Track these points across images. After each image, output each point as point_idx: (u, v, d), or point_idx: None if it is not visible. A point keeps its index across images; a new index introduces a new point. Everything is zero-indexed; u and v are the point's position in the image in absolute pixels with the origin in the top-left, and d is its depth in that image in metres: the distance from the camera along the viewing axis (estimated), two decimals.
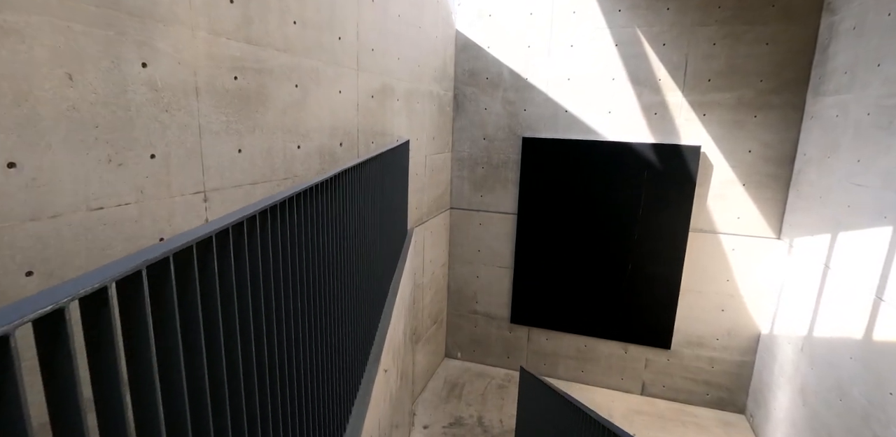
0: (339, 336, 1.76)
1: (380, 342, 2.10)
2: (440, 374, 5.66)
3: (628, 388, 5.42)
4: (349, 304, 1.92)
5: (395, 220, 3.23)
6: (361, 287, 2.15)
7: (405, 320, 3.56)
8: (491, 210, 5.52)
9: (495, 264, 5.62)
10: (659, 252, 4.99)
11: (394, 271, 3.18)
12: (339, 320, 1.74)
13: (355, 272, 2.03)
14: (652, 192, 4.90)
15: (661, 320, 5.12)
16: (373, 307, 2.38)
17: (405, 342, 3.49)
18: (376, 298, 2.47)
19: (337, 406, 1.70)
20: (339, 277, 1.72)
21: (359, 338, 2.02)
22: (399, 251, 3.54)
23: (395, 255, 3.27)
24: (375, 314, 2.37)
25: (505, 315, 5.71)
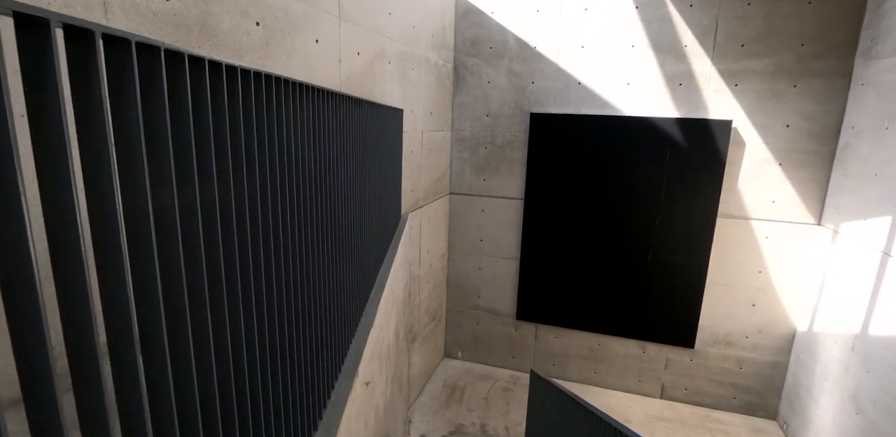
0: (297, 345, 1.24)
1: (356, 354, 1.59)
2: (439, 376, 5.15)
3: (646, 391, 4.92)
4: (315, 297, 1.40)
5: (386, 197, 2.71)
6: (337, 276, 1.63)
7: (398, 318, 3.04)
8: (495, 195, 4.99)
9: (499, 255, 5.10)
10: (683, 240, 4.47)
11: (382, 259, 2.66)
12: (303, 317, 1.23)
13: (327, 255, 1.51)
14: (676, 173, 4.37)
15: (684, 317, 4.61)
16: (352, 305, 1.86)
17: (397, 343, 2.97)
18: (357, 291, 1.95)
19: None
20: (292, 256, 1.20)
21: (330, 347, 1.51)
22: (391, 236, 3.01)
23: (384, 240, 2.74)
24: (355, 313, 1.86)
25: (510, 311, 5.19)
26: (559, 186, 4.73)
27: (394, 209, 3.22)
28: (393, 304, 2.75)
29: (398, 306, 3.06)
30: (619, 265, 4.70)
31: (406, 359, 4.09)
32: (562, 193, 4.74)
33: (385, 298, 2.22)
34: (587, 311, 4.88)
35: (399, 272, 3.12)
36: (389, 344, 2.50)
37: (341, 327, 1.65)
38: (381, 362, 2.08)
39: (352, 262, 1.84)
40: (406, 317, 3.95)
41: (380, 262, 2.50)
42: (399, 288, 3.12)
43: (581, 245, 4.77)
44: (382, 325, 2.13)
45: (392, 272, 2.59)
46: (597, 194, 4.63)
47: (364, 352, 1.61)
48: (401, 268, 3.18)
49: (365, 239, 2.11)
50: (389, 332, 2.48)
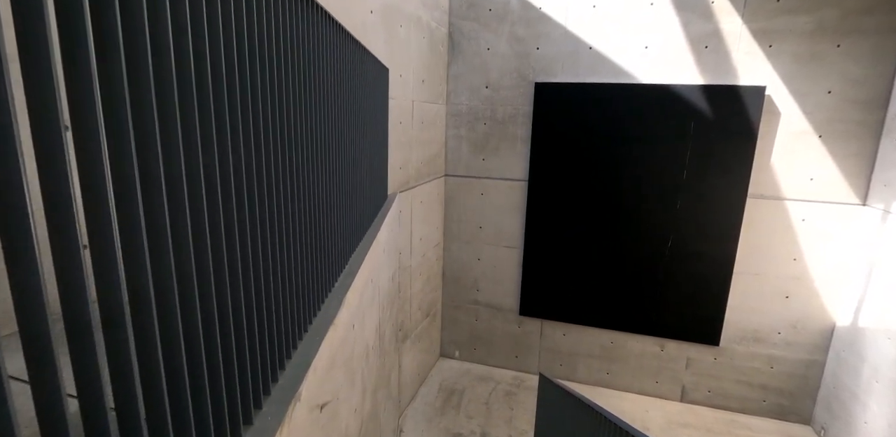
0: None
1: (299, 368, 1.08)
2: (434, 378, 4.65)
3: (665, 393, 4.43)
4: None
5: (366, 169, 2.19)
6: (284, 260, 1.12)
7: (382, 314, 2.53)
8: (495, 177, 4.48)
9: (501, 244, 4.59)
10: (707, 225, 3.97)
11: (357, 242, 2.14)
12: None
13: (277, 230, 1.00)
14: (700, 148, 3.87)
15: (708, 311, 4.12)
16: (305, 298, 1.35)
17: (382, 344, 2.46)
18: (315, 281, 1.43)
19: None
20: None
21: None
22: (371, 216, 2.50)
23: (362, 219, 2.22)
24: (306, 309, 1.34)
25: (512, 306, 4.69)
26: (567, 166, 4.22)
27: (377, 186, 2.71)
28: (375, 297, 2.24)
29: (382, 300, 2.54)
30: (634, 254, 4.20)
31: (396, 360, 3.59)
32: (570, 174, 4.22)
33: (357, 289, 1.71)
34: (599, 305, 4.38)
35: (383, 260, 2.60)
36: (368, 346, 1.99)
37: (282, 329, 1.14)
38: (350, 371, 1.58)
39: (305, 242, 1.32)
40: (395, 313, 3.44)
41: (353, 245, 1.99)
42: (384, 279, 2.60)
43: (592, 232, 4.26)
44: (354, 323, 1.63)
45: (371, 259, 2.08)
46: (610, 174, 4.12)
47: (315, 363, 1.11)
48: (385, 255, 2.66)
49: (332, 214, 1.60)
50: (368, 331, 1.97)
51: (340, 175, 1.75)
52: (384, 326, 2.62)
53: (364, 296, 1.87)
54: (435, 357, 4.91)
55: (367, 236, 2.21)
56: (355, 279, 1.65)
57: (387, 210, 2.78)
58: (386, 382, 2.83)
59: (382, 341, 2.54)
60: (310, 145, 1.38)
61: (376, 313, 2.27)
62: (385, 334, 2.68)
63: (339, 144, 1.76)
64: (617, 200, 4.15)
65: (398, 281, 3.52)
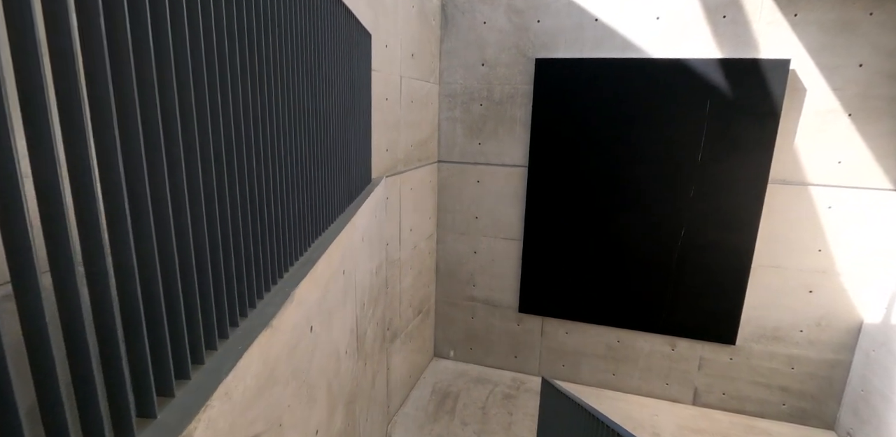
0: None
1: (195, 402, 0.74)
2: (427, 380, 4.32)
3: (675, 396, 4.11)
4: None
5: (344, 143, 1.85)
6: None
7: (362, 312, 2.19)
8: (493, 163, 4.13)
9: (499, 236, 4.25)
10: (724, 213, 3.63)
11: (325, 226, 1.79)
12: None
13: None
14: (717, 129, 3.53)
15: (724, 307, 3.79)
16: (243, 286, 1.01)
17: (361, 348, 2.12)
18: (259, 266, 1.09)
19: None
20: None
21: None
22: (349, 198, 2.15)
23: (336, 199, 1.88)
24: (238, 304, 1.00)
25: (511, 302, 4.36)
26: (571, 150, 3.87)
27: (357, 166, 2.36)
28: (349, 292, 1.90)
29: (362, 296, 2.20)
30: (644, 245, 3.86)
31: (384, 362, 3.25)
32: (574, 159, 3.88)
33: (319, 281, 1.37)
34: (604, 301, 4.05)
35: (363, 250, 2.26)
36: (339, 352, 1.66)
37: (182, 336, 0.80)
38: (306, 386, 1.24)
39: (238, 215, 0.98)
40: (382, 310, 3.11)
41: (318, 228, 1.64)
42: (364, 271, 2.26)
43: (597, 222, 3.92)
44: (313, 324, 1.29)
45: (342, 246, 1.74)
46: (617, 159, 3.78)
47: (231, 383, 0.78)
48: (366, 245, 2.32)
49: (282, 187, 1.25)
50: (338, 333, 1.63)
51: (300, 141, 1.40)
52: (365, 325, 2.28)
53: (331, 291, 1.53)
54: (428, 358, 4.58)
55: (339, 220, 1.87)
56: (315, 270, 1.32)
57: (368, 194, 2.44)
58: (369, 388, 2.50)
59: (362, 342, 2.20)
60: (258, 97, 1.04)
61: (352, 310, 1.93)
62: (367, 335, 2.34)
63: (301, 104, 1.42)
64: (625, 187, 3.81)
65: (385, 275, 3.18)
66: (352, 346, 1.94)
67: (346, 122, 2.10)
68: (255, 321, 0.97)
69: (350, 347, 1.91)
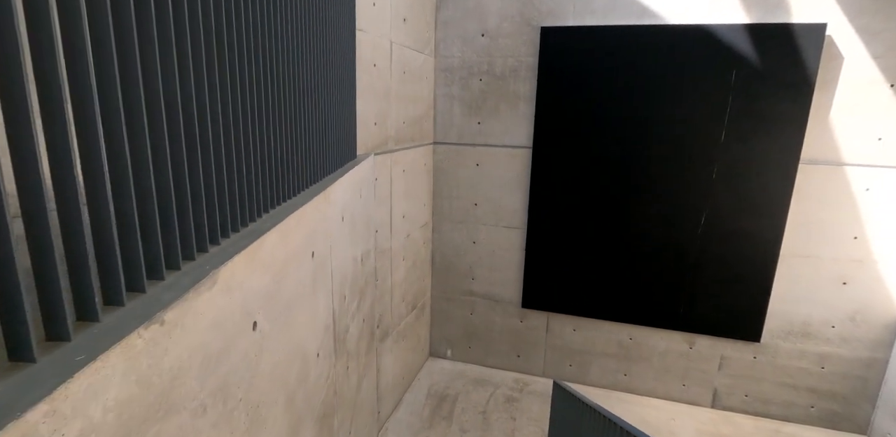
0: None
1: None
2: (422, 382, 3.97)
3: (693, 399, 3.77)
4: None
5: (320, 101, 1.48)
6: None
7: (341, 306, 1.83)
8: (493, 144, 3.77)
9: (500, 224, 3.90)
10: (749, 197, 3.29)
11: (289, 194, 1.43)
12: None
13: None
14: (743, 104, 3.18)
15: (748, 300, 3.45)
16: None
17: (335, 350, 1.76)
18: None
19: None
20: None
21: None
22: (325, 168, 1.79)
23: (308, 164, 1.52)
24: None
25: (514, 297, 4.01)
26: (580, 129, 3.52)
27: (337, 132, 2.00)
28: (320, 281, 1.54)
29: (342, 287, 1.84)
30: (660, 234, 3.51)
31: (374, 363, 2.90)
32: (583, 139, 3.52)
33: (271, 263, 1.02)
34: (616, 295, 3.70)
35: (345, 233, 1.90)
36: (306, 356, 1.30)
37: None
38: (246, 405, 0.89)
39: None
40: (371, 305, 2.75)
41: (277, 194, 1.28)
42: (343, 257, 1.90)
43: (609, 208, 3.57)
44: (258, 319, 0.94)
45: (311, 221, 1.38)
46: (631, 138, 3.42)
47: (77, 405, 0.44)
48: (347, 227, 1.96)
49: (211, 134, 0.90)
50: (303, 332, 1.28)
51: (251, 90, 1.04)
52: (347, 321, 1.92)
53: (290, 276, 1.17)
54: (423, 357, 4.22)
55: (308, 192, 1.50)
56: (261, 246, 0.96)
57: (352, 168, 2.08)
58: (353, 395, 2.14)
59: (342, 342, 1.84)
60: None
61: (327, 303, 1.57)
62: (349, 333, 1.98)
63: (260, 47, 1.06)
64: (639, 169, 3.46)
65: (374, 265, 2.82)
66: (327, 346, 1.59)
67: (326, 77, 1.74)
68: (131, 313, 0.62)
69: (325, 348, 1.55)
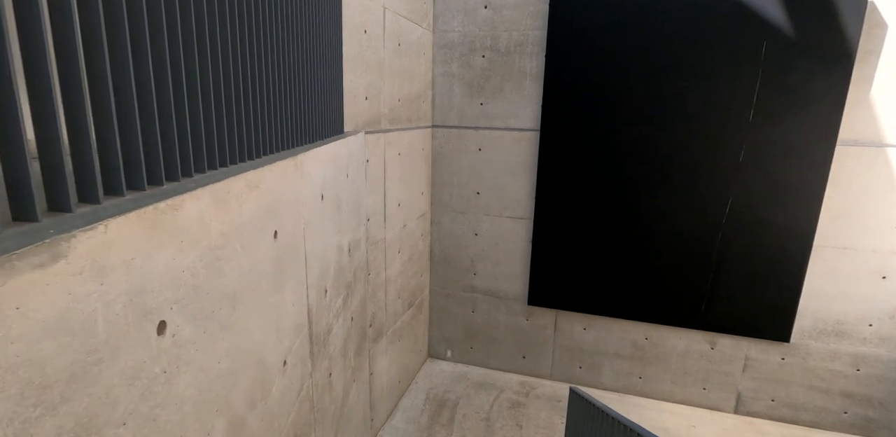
0: None
1: None
2: (420, 386, 3.67)
3: (715, 403, 3.48)
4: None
5: (294, 58, 1.18)
6: None
7: (318, 302, 1.53)
8: (497, 126, 3.47)
9: (504, 214, 3.60)
10: (780, 183, 2.99)
11: (248, 155, 1.13)
12: None
13: None
14: (774, 79, 2.87)
15: (778, 296, 3.15)
16: None
17: (311, 355, 1.46)
18: None
19: None
20: None
21: None
22: (298, 135, 1.48)
23: (275, 123, 1.21)
24: None
25: (519, 293, 3.71)
26: (592, 109, 3.21)
27: (319, 102, 1.69)
28: (294, 270, 1.24)
29: (321, 279, 1.54)
30: (680, 223, 3.21)
31: (365, 367, 2.61)
32: (596, 120, 3.22)
33: (197, 233, 0.72)
34: (631, 291, 3.40)
35: (326, 215, 1.59)
36: (266, 363, 1.01)
37: None
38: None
39: None
40: (362, 301, 2.45)
41: (231, 152, 0.97)
42: (328, 245, 1.60)
43: (624, 196, 3.27)
44: (167, 318, 0.65)
45: (274, 195, 1.08)
46: (649, 118, 3.12)
47: None
48: (331, 208, 1.65)
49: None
50: (260, 334, 0.98)
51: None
52: (328, 320, 1.62)
53: (237, 261, 0.88)
54: (421, 359, 3.92)
55: (274, 156, 1.20)
56: (176, 209, 0.67)
57: (334, 141, 1.77)
58: (336, 406, 1.84)
59: (322, 346, 1.54)
60: None
61: (298, 297, 1.27)
62: (332, 334, 1.68)
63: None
64: (658, 153, 3.15)
65: (365, 257, 2.52)
66: (300, 352, 1.28)
67: (298, 39, 1.43)
68: None
69: (296, 354, 1.25)
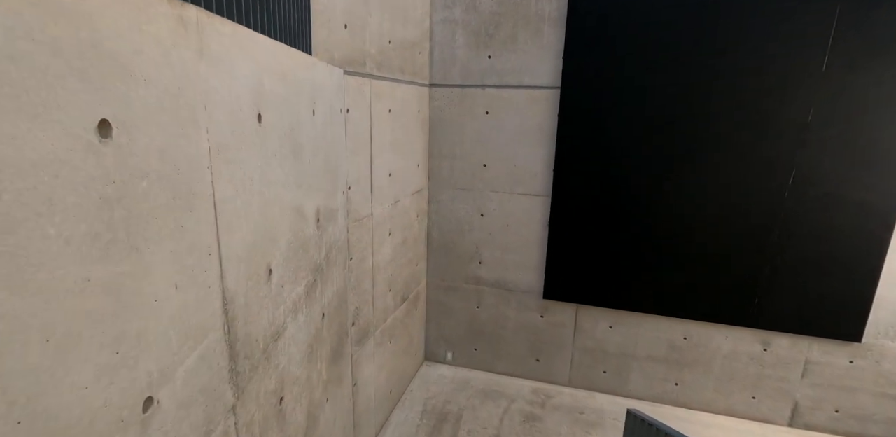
0: None
1: None
2: (415, 395, 3.09)
3: (766, 415, 2.93)
4: None
5: None
6: None
7: (260, 285, 0.95)
8: (509, 84, 2.88)
9: (516, 191, 3.02)
10: (859, 149, 2.43)
11: None
12: None
13: None
14: (855, 14, 2.31)
15: (848, 288, 2.60)
16: None
17: (250, 364, 0.88)
18: None
19: None
20: None
21: None
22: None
23: None
24: None
25: (533, 285, 3.14)
26: (626, 59, 2.63)
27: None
28: (197, 232, 0.66)
29: (265, 255, 0.96)
30: (731, 201, 2.65)
31: (347, 377, 2.04)
32: (629, 73, 2.64)
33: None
34: (668, 282, 2.85)
35: (270, 151, 1.01)
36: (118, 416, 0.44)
37: None
38: None
39: None
40: (336, 292, 1.88)
41: None
42: (269, 197, 1.02)
43: (661, 166, 2.70)
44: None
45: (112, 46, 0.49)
46: (698, 67, 2.55)
47: None
48: (274, 142, 1.07)
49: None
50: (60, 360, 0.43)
51: None
52: (272, 315, 1.04)
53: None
54: (416, 363, 3.35)
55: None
56: None
57: (292, 48, 1.18)
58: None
59: (261, 357, 0.96)
60: None
61: (184, 279, 0.69)
62: (283, 338, 1.10)
63: None
64: (707, 111, 2.58)
65: (344, 236, 1.94)
66: (201, 374, 0.70)
67: None
68: None
69: (186, 381, 0.66)
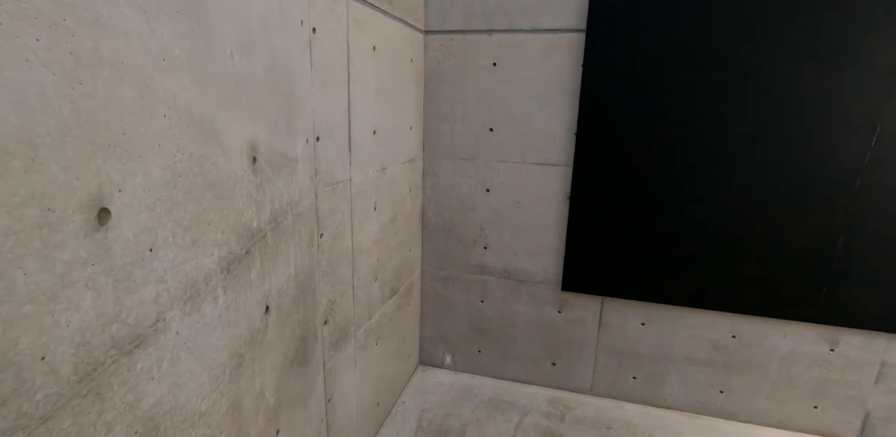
0: None
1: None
2: (408, 408, 2.58)
3: (830, 428, 2.45)
4: None
5: None
6: None
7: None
8: (521, 28, 2.36)
9: (529, 160, 2.50)
10: None
11: None
12: None
13: None
14: None
15: None
16: None
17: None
18: None
19: None
20: None
21: None
22: None
23: None
24: None
25: (548, 274, 2.63)
26: (663, 6, 2.12)
27: None
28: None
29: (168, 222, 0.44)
30: (792, 169, 2.15)
31: (318, 388, 1.53)
32: (672, 11, 2.13)
33: None
34: (712, 269, 2.35)
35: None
36: None
37: None
38: None
39: None
40: (301, 276, 1.36)
41: None
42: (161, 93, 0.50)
43: (706, 132, 2.20)
44: None
45: None
46: (751, 23, 2.04)
47: None
48: (185, 21, 0.55)
49: None
50: None
51: None
52: (153, 309, 0.52)
53: None
54: (409, 368, 2.84)
55: None
56: None
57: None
58: None
59: (74, 381, 0.43)
60: None
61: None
62: (168, 345, 0.59)
63: None
64: (762, 62, 2.08)
65: (312, 200, 1.41)
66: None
67: None
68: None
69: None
